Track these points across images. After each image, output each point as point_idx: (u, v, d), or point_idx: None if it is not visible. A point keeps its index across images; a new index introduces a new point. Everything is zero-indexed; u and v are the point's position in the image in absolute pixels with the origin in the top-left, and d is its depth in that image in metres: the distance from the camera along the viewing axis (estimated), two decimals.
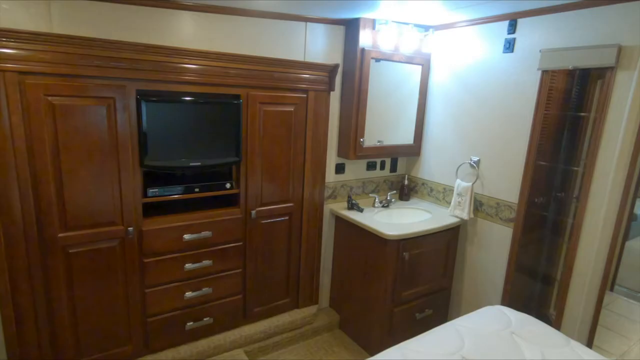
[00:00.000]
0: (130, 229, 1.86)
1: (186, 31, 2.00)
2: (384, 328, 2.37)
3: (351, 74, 2.41)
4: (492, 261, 2.41)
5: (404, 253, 2.26)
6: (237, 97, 2.05)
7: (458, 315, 2.66)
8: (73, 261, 1.76)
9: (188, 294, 2.08)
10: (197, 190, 2.05)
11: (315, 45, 2.37)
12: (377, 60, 2.43)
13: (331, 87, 2.33)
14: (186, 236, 2.01)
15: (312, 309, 2.62)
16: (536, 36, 2.07)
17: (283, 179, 2.31)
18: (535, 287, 2.47)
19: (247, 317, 2.37)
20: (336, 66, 2.27)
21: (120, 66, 1.68)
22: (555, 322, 2.11)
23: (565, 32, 1.95)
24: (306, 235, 2.49)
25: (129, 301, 1.94)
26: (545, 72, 2.03)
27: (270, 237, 2.35)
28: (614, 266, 3.26)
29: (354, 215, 2.48)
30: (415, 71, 2.63)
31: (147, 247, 1.93)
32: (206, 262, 2.11)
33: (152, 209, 1.98)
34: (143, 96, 1.77)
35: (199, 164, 1.99)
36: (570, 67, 1.91)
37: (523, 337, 1.49)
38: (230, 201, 2.21)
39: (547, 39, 2.02)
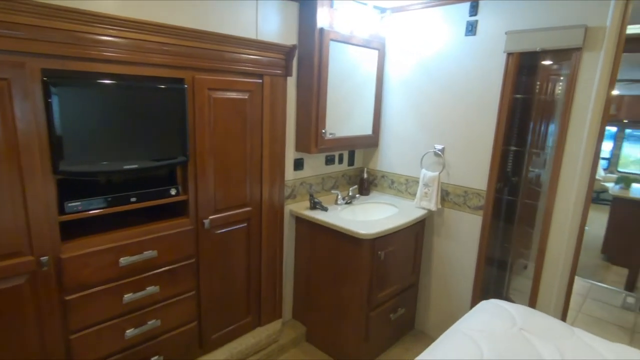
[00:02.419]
0: (44, 258, 1.38)
1: None
2: (360, 335, 2.17)
3: (308, 58, 2.14)
4: (462, 251, 2.35)
5: (379, 252, 2.08)
6: (181, 81, 1.66)
7: (427, 310, 2.58)
8: None
9: (130, 332, 1.65)
10: (134, 200, 1.61)
11: (268, 25, 2.06)
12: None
13: (288, 72, 2.05)
14: (123, 260, 1.57)
15: (276, 325, 2.32)
16: (499, 18, 2.02)
17: (239, 180, 1.97)
18: (503, 273, 2.48)
19: (204, 346, 1.99)
20: (294, 47, 1.98)
21: (16, 35, 1.20)
22: (529, 307, 2.11)
23: (529, 14, 1.92)
24: (266, 242, 2.17)
25: (47, 354, 1.45)
26: (510, 55, 1.99)
27: (226, 249, 2.00)
28: None
29: (319, 215, 2.23)
30: (372, 56, 2.47)
31: (70, 280, 1.45)
32: (151, 289, 1.69)
33: (74, 229, 1.50)
34: (52, 78, 1.31)
35: (135, 166, 1.57)
36: (537, 49, 1.88)
37: (532, 333, 1.40)
38: (178, 210, 1.81)
39: (510, 21, 1.99)
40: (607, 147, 7.54)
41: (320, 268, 2.31)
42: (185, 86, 1.66)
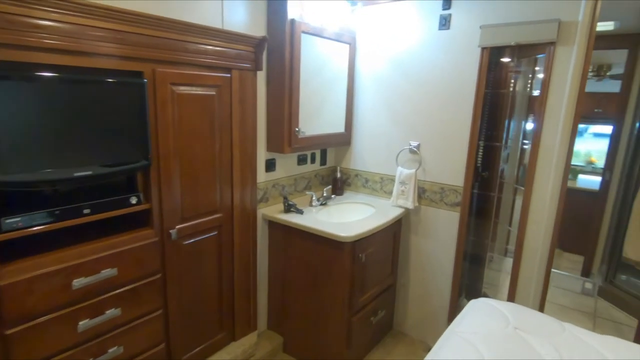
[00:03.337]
0: None
1: None
2: (342, 342, 2.08)
3: (279, 51, 2.00)
4: (439, 248, 2.33)
5: (360, 255, 2.00)
6: (139, 75, 1.47)
7: (405, 310, 2.53)
8: None
9: None
10: (87, 212, 1.40)
11: (234, 15, 1.89)
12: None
13: (258, 66, 1.90)
14: (76, 282, 1.36)
15: (252, 338, 2.16)
16: (473, 12, 2.00)
17: (208, 184, 1.80)
18: (477, 268, 2.49)
19: None
20: (264, 39, 1.84)
21: None
22: (508, 300, 2.12)
23: (502, 8, 1.91)
24: (239, 251, 2.01)
25: None
26: (485, 49, 1.98)
27: (196, 261, 1.82)
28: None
29: (295, 219, 2.10)
30: (343, 51, 2.37)
31: (11, 311, 1.22)
32: (111, 312, 1.48)
33: (14, 249, 1.27)
34: None
35: (88, 173, 1.36)
36: (512, 43, 1.88)
37: (527, 332, 1.37)
38: (140, 221, 1.61)
39: (484, 15, 1.97)
40: None
41: (297, 274, 2.18)
42: (145, 80, 1.47)
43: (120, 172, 1.48)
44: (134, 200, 1.54)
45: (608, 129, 4.95)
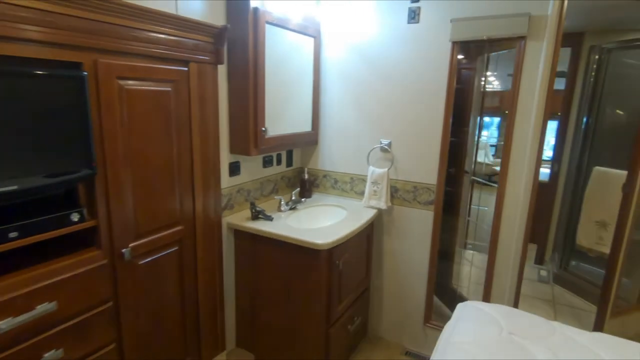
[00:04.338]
0: None
1: None
2: (320, 355, 1.94)
3: (241, 43, 1.81)
4: (413, 248, 2.26)
5: (337, 261, 1.87)
6: (77, 66, 1.22)
7: (380, 313, 2.45)
8: None
9: None
10: (14, 235, 1.13)
11: (189, 1, 1.67)
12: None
13: (219, 59, 1.70)
14: (2, 323, 1.09)
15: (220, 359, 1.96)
16: (443, 6, 1.94)
17: (166, 193, 1.57)
18: (447, 264, 2.47)
19: None
20: (225, 28, 1.65)
21: None
22: (484, 297, 2.11)
23: (472, 2, 1.87)
24: (203, 266, 1.80)
25: None
26: (455, 44, 1.93)
27: (154, 282, 1.58)
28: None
29: (265, 227, 1.92)
30: (308, 44, 2.22)
31: None
32: (51, 355, 1.22)
33: None
34: None
35: (13, 188, 1.10)
36: (484, 37, 1.84)
37: (521, 336, 1.32)
38: (85, 241, 1.35)
39: (453, 8, 1.92)
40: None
41: (268, 287, 2.01)
42: (84, 73, 1.22)
43: (56, 184, 1.22)
44: (75, 218, 1.28)
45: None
